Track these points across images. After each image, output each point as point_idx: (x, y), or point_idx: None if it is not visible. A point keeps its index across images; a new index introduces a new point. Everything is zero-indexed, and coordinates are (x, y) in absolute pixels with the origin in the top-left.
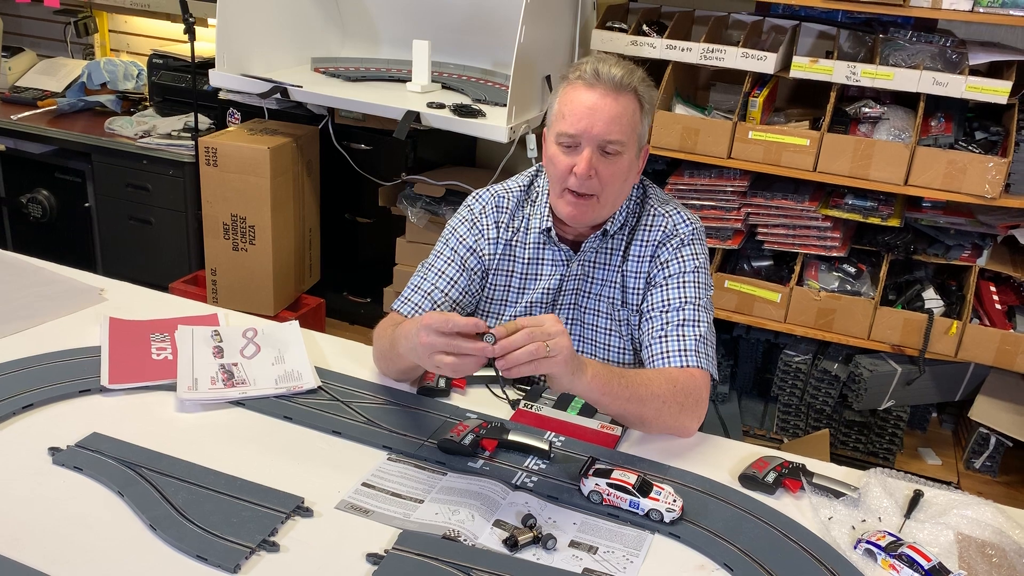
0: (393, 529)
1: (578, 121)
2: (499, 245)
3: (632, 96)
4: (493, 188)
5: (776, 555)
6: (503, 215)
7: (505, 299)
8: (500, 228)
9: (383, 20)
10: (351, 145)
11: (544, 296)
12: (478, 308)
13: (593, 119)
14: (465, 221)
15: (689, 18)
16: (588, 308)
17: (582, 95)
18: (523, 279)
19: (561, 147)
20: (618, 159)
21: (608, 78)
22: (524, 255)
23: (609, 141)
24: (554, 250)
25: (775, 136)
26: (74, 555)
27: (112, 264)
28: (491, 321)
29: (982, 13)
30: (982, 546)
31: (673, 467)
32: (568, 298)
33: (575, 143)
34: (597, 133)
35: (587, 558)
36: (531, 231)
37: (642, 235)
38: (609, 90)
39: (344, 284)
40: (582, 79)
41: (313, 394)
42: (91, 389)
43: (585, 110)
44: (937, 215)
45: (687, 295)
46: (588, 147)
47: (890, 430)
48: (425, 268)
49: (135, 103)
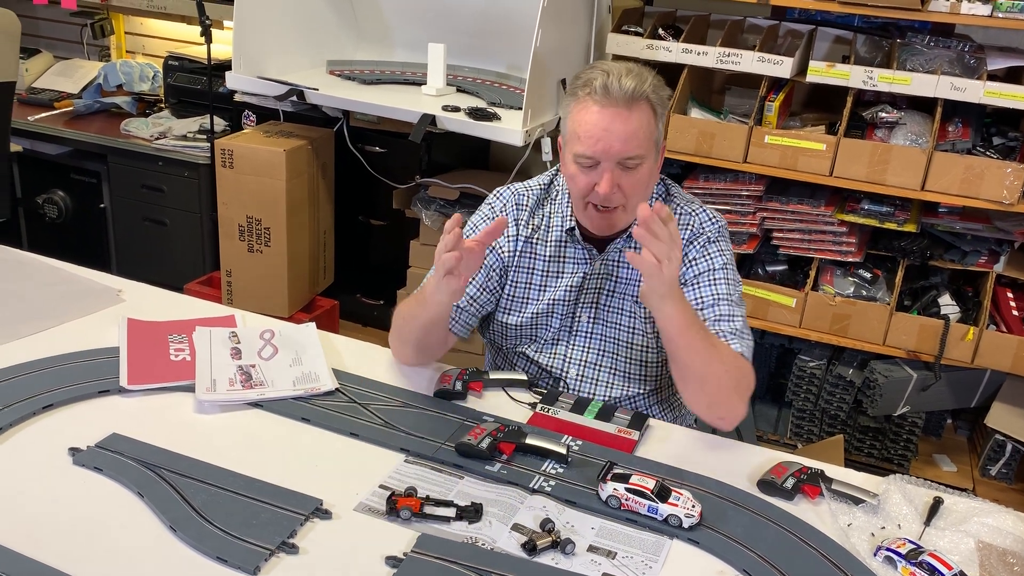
0: (412, 532)
1: (595, 143)
2: (518, 242)
3: (645, 105)
4: (514, 186)
5: (795, 561)
6: (523, 212)
7: (527, 296)
8: (520, 225)
9: (398, 23)
10: (366, 148)
11: (567, 294)
12: (499, 305)
13: (610, 140)
14: (486, 219)
15: (705, 22)
16: (612, 307)
17: (594, 116)
18: (544, 276)
19: (580, 167)
20: (638, 169)
21: (619, 94)
22: (546, 253)
23: (628, 157)
24: (577, 248)
25: (791, 141)
26: (94, 555)
27: (127, 265)
28: (513, 318)
29: (1001, 18)
30: (1003, 554)
31: (691, 472)
32: (590, 296)
33: (594, 163)
34: (616, 152)
35: (606, 563)
36: (552, 230)
37: None
38: (621, 107)
39: (358, 286)
40: (592, 97)
41: (330, 396)
42: (110, 390)
43: (600, 132)
44: (954, 221)
45: (719, 292)
46: (607, 165)
47: (905, 436)
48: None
49: (151, 105)
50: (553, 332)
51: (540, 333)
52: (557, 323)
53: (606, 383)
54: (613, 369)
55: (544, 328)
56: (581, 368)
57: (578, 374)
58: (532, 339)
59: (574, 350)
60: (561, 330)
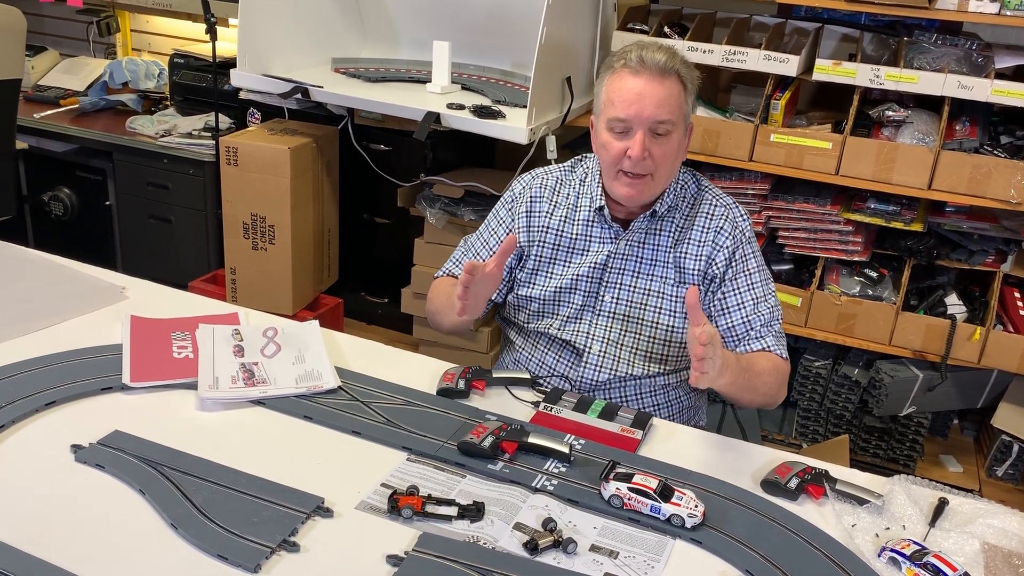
0: (413, 531)
1: (628, 106)
2: (531, 218)
3: (676, 78)
4: (536, 171)
5: (799, 562)
6: (543, 191)
7: (551, 271)
8: (534, 202)
9: (403, 21)
10: (370, 146)
11: (591, 271)
12: (518, 280)
13: (643, 103)
14: (506, 203)
15: (711, 20)
16: (637, 288)
17: (629, 82)
18: (570, 253)
19: (613, 133)
20: (668, 139)
21: (652, 63)
22: (573, 231)
23: (660, 122)
24: (603, 227)
25: (797, 139)
26: (95, 552)
27: (132, 262)
28: (536, 291)
29: (1009, 16)
30: (1008, 556)
31: (694, 472)
32: (614, 276)
33: (627, 128)
34: (648, 116)
35: (608, 562)
36: (580, 209)
37: (703, 222)
38: (655, 75)
39: (362, 284)
40: (627, 66)
41: (333, 394)
42: (113, 387)
43: (634, 96)
44: (961, 220)
45: (757, 294)
46: (640, 130)
47: (911, 436)
48: (468, 244)
49: (156, 102)
50: (575, 309)
51: (561, 310)
52: (580, 300)
53: (628, 361)
54: (635, 348)
55: (566, 304)
56: (604, 345)
57: (601, 350)
58: (553, 315)
59: (598, 328)
60: (584, 308)
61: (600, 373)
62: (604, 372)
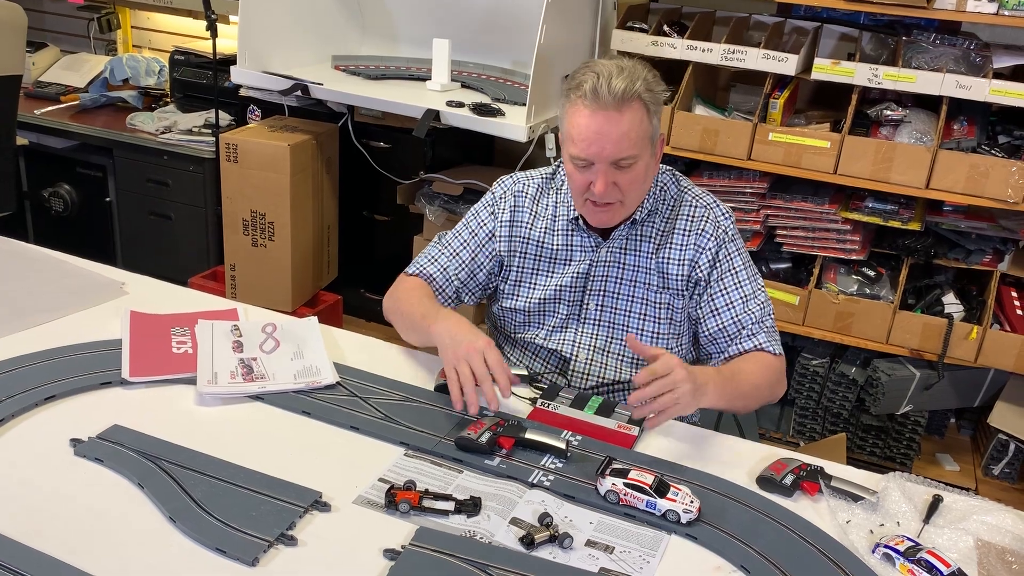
0: (410, 525)
1: (588, 146)
2: (512, 227)
3: (636, 104)
4: (516, 175)
5: (793, 558)
6: (523, 199)
7: (533, 282)
8: (516, 212)
9: (403, 19)
10: (370, 143)
11: (575, 280)
12: (501, 291)
13: (602, 143)
14: (488, 205)
15: (710, 19)
16: (620, 295)
17: (585, 120)
18: (552, 263)
19: (576, 166)
20: (633, 168)
21: (607, 97)
22: (553, 242)
23: (621, 158)
24: (583, 236)
25: (795, 138)
26: (94, 545)
27: (132, 258)
28: (520, 303)
29: (1007, 16)
30: (1002, 553)
31: (690, 468)
32: (598, 284)
33: (588, 164)
34: (608, 155)
35: (603, 557)
36: (559, 219)
37: (684, 224)
38: (612, 108)
39: (361, 281)
40: (583, 100)
41: (331, 389)
42: (112, 382)
43: (592, 134)
44: (958, 219)
45: (745, 292)
46: (601, 166)
47: (908, 435)
48: (444, 242)
49: (156, 99)
50: (560, 319)
51: (547, 320)
52: (565, 310)
53: (614, 368)
54: (621, 355)
55: (551, 315)
56: (590, 353)
57: (587, 358)
58: (540, 325)
59: (583, 336)
60: (569, 317)
61: (588, 380)
62: (592, 379)
